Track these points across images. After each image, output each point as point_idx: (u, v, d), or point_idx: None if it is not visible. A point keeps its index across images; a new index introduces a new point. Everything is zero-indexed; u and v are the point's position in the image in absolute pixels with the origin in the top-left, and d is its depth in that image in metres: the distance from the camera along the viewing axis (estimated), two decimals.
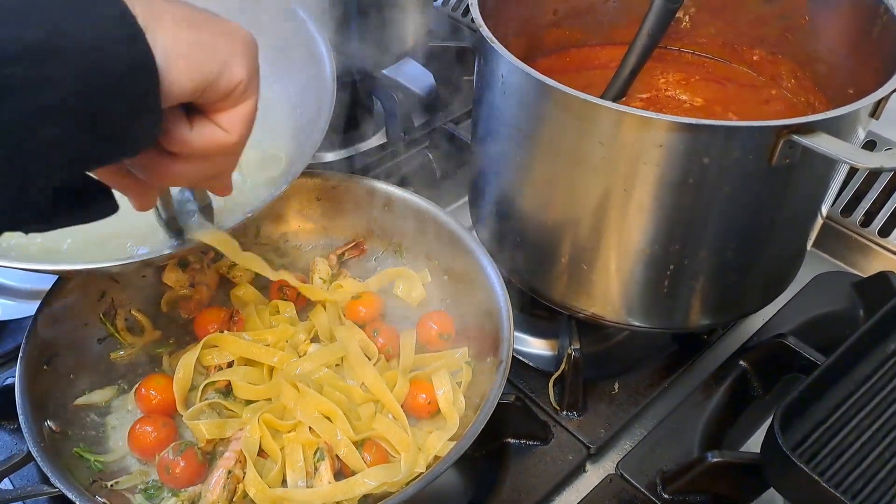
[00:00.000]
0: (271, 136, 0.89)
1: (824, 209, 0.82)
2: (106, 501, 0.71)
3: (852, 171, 1.06)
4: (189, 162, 0.54)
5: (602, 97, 0.91)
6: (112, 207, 0.53)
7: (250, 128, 0.54)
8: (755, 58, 0.98)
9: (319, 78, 0.88)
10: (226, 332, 0.86)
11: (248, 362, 0.83)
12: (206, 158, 0.54)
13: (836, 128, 0.67)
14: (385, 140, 1.22)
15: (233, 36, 0.51)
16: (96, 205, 0.52)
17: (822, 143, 0.65)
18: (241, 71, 0.50)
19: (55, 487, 0.68)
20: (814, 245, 0.89)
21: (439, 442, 0.74)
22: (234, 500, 0.72)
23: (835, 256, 1.09)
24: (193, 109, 0.52)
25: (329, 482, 0.72)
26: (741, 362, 0.90)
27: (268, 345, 0.84)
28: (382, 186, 0.95)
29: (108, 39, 0.43)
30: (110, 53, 0.43)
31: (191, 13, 0.48)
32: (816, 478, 0.66)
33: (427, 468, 0.73)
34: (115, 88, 0.44)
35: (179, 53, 0.46)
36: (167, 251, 0.72)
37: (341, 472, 0.74)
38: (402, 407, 0.79)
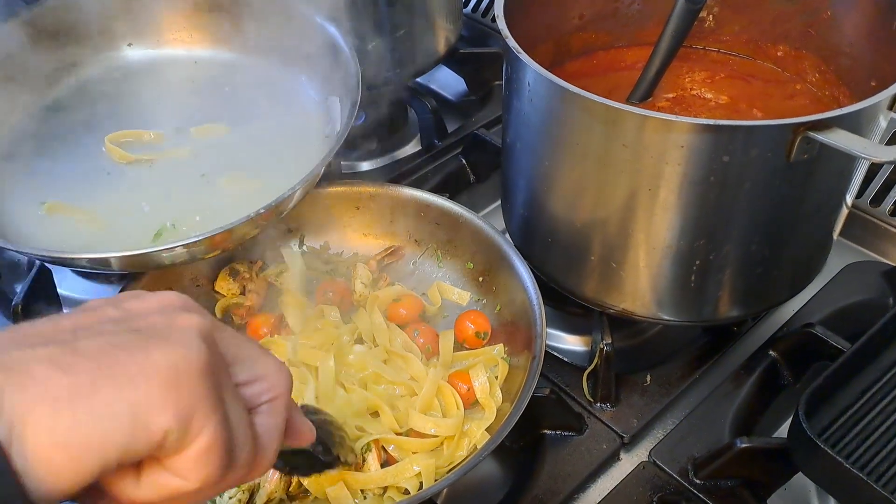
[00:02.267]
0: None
1: (849, 199, 0.82)
2: None
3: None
4: None
5: (628, 98, 0.93)
6: None
7: (215, 465, 0.41)
8: (779, 54, 0.99)
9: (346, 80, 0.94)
10: (276, 335, 0.91)
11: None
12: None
13: (853, 122, 0.68)
14: (420, 147, 1.25)
15: (141, 379, 0.38)
16: None
17: (838, 138, 0.66)
18: (162, 419, 0.38)
19: None
20: (844, 235, 0.89)
21: (479, 429, 0.78)
22: (290, 489, 0.77)
23: (865, 246, 1.08)
24: None
25: (376, 471, 0.76)
26: (771, 352, 0.91)
27: (315, 347, 0.88)
28: (418, 193, 0.98)
29: None
30: None
31: (75, 379, 0.37)
32: (841, 460, 0.67)
33: (468, 456, 0.76)
34: None
35: (56, 444, 0.36)
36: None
37: (387, 463, 0.78)
38: None
